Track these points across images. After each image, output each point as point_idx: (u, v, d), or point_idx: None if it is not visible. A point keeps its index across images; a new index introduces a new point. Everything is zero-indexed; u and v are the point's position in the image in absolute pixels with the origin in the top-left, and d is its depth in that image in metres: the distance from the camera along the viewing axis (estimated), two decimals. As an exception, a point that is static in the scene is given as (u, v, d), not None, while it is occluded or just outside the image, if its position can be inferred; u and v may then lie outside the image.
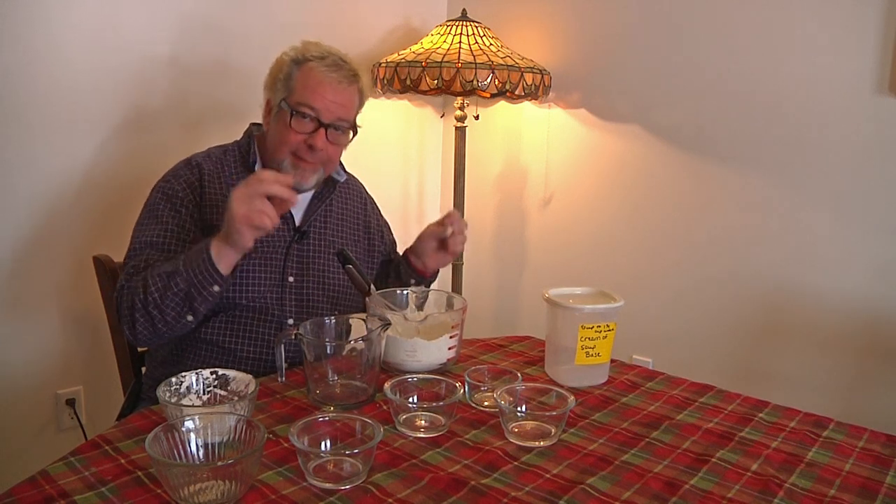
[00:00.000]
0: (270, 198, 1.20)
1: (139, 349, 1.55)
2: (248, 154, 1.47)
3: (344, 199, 1.59)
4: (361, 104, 1.49)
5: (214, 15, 2.05)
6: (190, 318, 1.29)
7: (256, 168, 1.45)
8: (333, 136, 1.42)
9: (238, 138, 1.55)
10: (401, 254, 1.64)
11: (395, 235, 1.74)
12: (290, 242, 1.46)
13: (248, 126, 1.54)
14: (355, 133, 1.47)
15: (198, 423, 0.90)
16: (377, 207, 1.71)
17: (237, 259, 1.26)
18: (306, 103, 1.38)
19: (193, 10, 2.00)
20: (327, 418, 0.98)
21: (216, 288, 1.25)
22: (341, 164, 1.60)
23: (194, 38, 2.02)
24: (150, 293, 1.25)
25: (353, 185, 1.66)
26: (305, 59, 1.42)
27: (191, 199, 1.39)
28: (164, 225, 1.36)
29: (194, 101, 2.05)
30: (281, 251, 1.44)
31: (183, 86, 2.02)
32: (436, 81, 2.13)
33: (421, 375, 1.17)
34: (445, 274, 2.77)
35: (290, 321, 1.41)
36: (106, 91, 1.88)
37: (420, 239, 1.55)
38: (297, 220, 1.48)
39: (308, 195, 1.52)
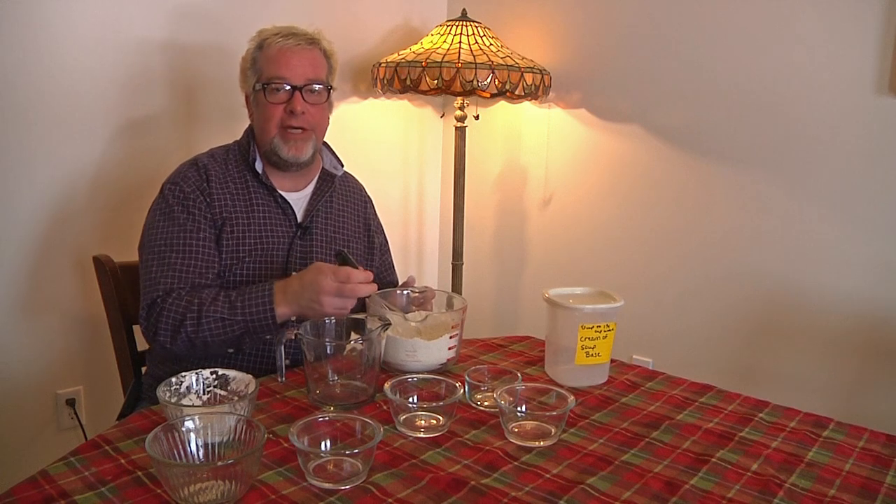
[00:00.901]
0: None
1: (139, 349, 1.55)
2: (248, 153, 1.48)
3: (344, 196, 1.60)
4: (332, 67, 1.52)
5: (215, 14, 2.05)
6: (231, 351, 1.35)
7: (257, 166, 1.46)
8: (310, 97, 1.45)
9: (238, 138, 1.55)
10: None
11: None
12: (292, 238, 1.47)
13: (248, 126, 1.55)
14: (331, 92, 1.50)
15: (198, 423, 0.90)
16: (374, 209, 1.71)
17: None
18: (275, 75, 1.43)
19: (194, 8, 2.00)
20: (327, 418, 0.98)
21: (269, 336, 1.30)
22: (338, 157, 1.61)
23: (195, 37, 2.02)
24: (202, 330, 1.28)
25: (353, 183, 1.66)
26: (263, 40, 1.47)
27: (201, 199, 1.40)
28: (181, 226, 1.37)
29: (195, 100, 2.05)
30: (284, 247, 1.45)
31: (184, 85, 2.02)
32: (436, 81, 2.13)
33: (421, 375, 1.17)
34: (445, 274, 2.78)
35: (293, 317, 1.41)
36: (106, 91, 1.88)
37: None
38: (299, 216, 1.49)
39: (308, 190, 1.53)
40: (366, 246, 1.62)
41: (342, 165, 1.61)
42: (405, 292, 1.42)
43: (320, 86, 1.46)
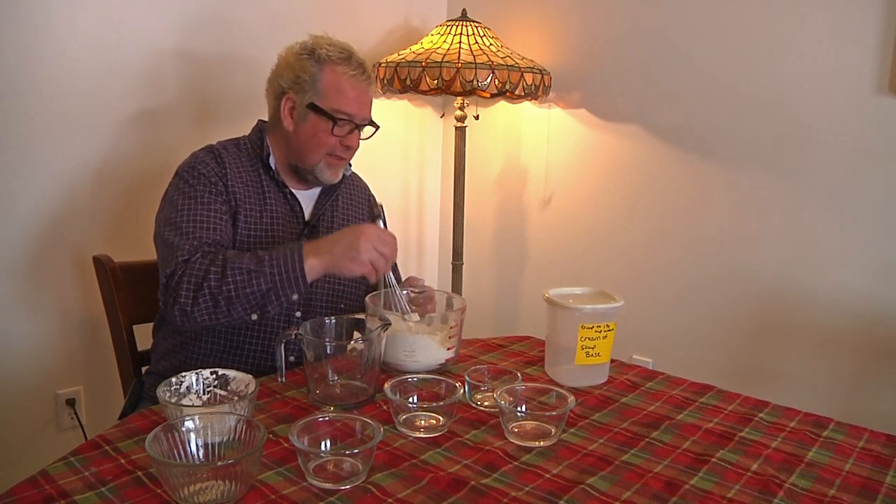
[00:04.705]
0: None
1: (139, 349, 1.55)
2: (260, 149, 1.48)
3: (349, 194, 1.62)
4: None
5: (217, 13, 2.04)
6: (255, 317, 1.30)
7: (271, 162, 1.47)
8: (362, 133, 1.50)
9: (246, 133, 1.55)
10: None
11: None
12: (299, 236, 1.48)
13: (256, 122, 1.55)
14: (378, 127, 1.53)
15: (198, 423, 0.90)
16: None
17: (321, 275, 1.29)
18: (343, 110, 1.43)
19: (195, 6, 2.00)
20: (327, 418, 0.98)
21: (295, 296, 1.27)
22: None
23: (197, 35, 2.01)
24: (227, 284, 1.24)
25: (357, 181, 1.68)
26: (329, 59, 1.43)
27: (219, 182, 1.40)
28: (202, 202, 1.36)
29: (198, 99, 2.04)
30: None
31: (187, 84, 2.02)
32: (436, 81, 2.13)
33: (421, 375, 1.17)
34: (445, 274, 2.78)
35: (298, 314, 1.42)
36: (108, 91, 1.87)
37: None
38: (307, 214, 1.51)
39: (317, 189, 1.54)
40: None
41: (350, 166, 1.62)
42: (405, 292, 1.42)
43: (373, 128, 1.51)
